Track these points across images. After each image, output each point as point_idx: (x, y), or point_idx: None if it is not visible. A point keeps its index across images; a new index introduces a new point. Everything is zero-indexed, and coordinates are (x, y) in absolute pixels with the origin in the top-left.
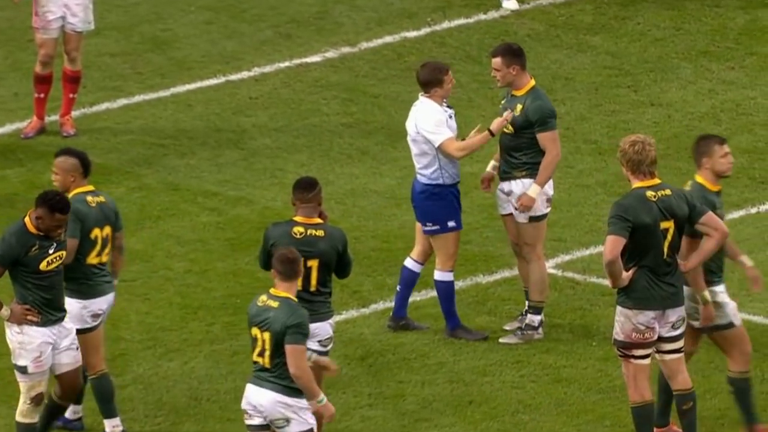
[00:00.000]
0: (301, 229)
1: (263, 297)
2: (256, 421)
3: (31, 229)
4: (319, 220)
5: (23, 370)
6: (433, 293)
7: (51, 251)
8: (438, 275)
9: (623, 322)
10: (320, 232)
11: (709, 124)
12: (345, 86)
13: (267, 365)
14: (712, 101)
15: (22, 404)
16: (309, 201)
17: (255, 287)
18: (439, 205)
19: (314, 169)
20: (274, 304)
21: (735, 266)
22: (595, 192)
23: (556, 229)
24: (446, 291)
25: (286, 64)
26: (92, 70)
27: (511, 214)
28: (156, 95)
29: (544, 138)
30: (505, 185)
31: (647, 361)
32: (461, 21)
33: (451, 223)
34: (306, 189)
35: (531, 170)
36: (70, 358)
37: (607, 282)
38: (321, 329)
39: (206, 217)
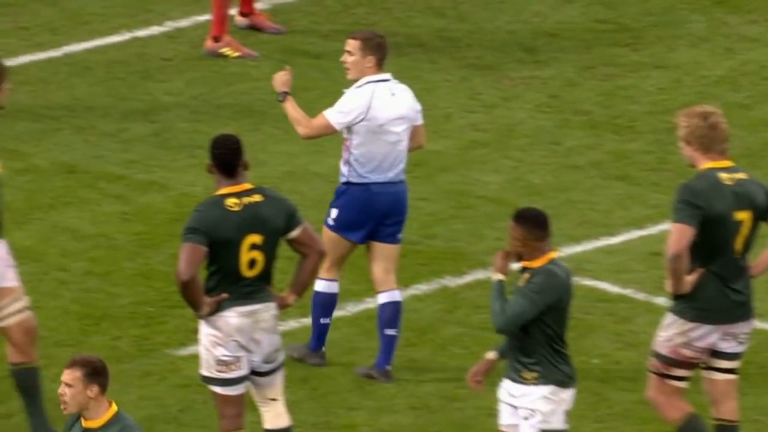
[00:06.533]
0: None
1: None
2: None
3: None
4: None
5: None
6: None
7: None
8: None
9: (674, 335)
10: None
11: (726, 91)
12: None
13: None
14: (730, 62)
15: None
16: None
17: (170, 292)
18: None
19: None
20: None
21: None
22: (588, 174)
23: None
24: None
25: (207, 16)
26: None
27: None
28: (46, 55)
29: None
30: None
31: (685, 384)
32: None
33: None
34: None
35: None
36: None
37: (604, 285)
38: None
39: (110, 206)
